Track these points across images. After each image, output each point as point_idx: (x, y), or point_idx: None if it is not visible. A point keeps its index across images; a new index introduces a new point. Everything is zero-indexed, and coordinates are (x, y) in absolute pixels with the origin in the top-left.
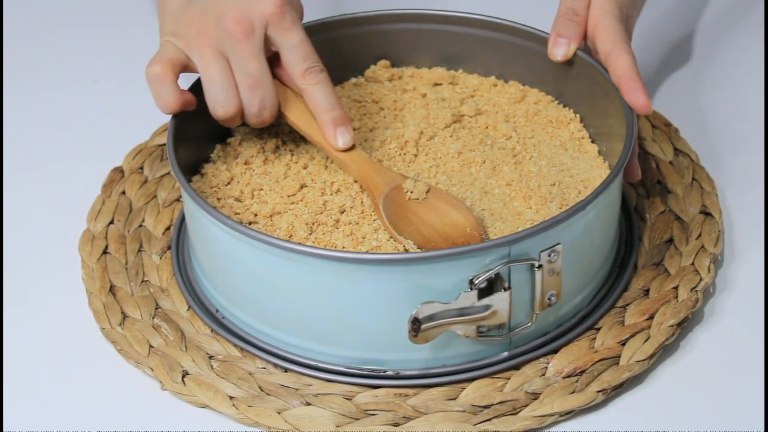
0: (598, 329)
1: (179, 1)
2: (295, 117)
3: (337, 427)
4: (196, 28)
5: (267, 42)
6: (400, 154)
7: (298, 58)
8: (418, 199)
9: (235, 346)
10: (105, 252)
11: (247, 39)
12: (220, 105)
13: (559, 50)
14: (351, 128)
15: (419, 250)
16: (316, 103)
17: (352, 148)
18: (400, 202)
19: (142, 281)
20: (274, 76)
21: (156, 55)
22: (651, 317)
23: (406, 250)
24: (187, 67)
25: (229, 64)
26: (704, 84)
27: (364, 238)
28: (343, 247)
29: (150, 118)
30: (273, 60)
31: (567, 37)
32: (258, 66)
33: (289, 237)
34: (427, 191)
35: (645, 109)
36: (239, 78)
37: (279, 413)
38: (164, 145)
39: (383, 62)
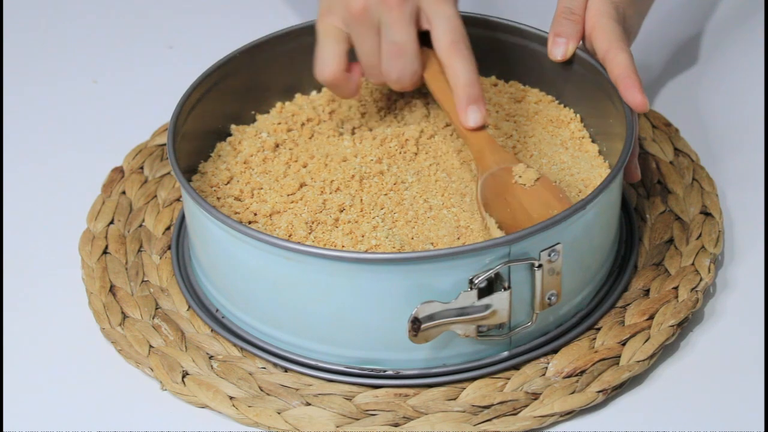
0: (599, 329)
1: None
2: (434, 84)
3: (337, 427)
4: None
5: (419, 14)
6: (400, 152)
7: (447, 29)
8: (525, 185)
9: (235, 345)
10: (105, 252)
11: (401, 6)
12: (320, 72)
13: (558, 50)
14: (485, 108)
15: (501, 232)
16: (455, 77)
17: (482, 127)
18: (505, 183)
19: (142, 281)
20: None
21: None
22: (651, 317)
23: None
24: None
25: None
26: (704, 84)
27: (363, 236)
28: (343, 246)
29: (150, 118)
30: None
31: (565, 37)
32: (405, 35)
33: (289, 236)
34: (537, 179)
35: (642, 107)
36: (384, 44)
37: (279, 413)
38: (164, 144)
39: None
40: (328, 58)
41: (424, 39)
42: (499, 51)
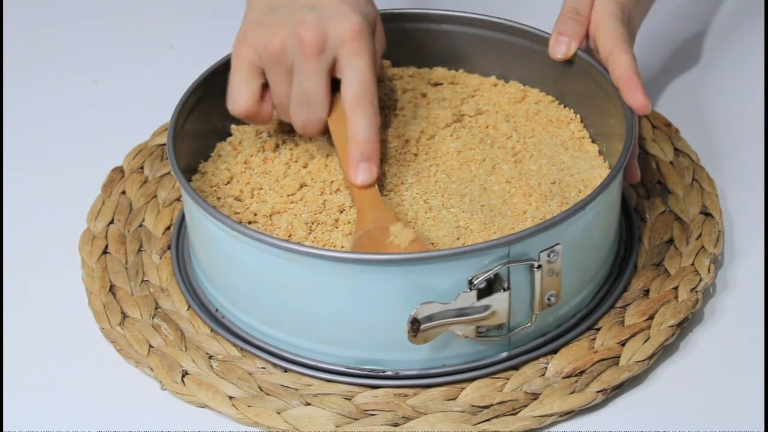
0: (598, 329)
1: (262, 9)
2: (335, 129)
3: (337, 427)
4: (266, 36)
5: (335, 63)
6: (400, 153)
7: (356, 82)
8: (399, 245)
9: (235, 345)
10: (105, 252)
11: (317, 57)
12: (233, 106)
13: (560, 49)
14: (377, 168)
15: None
16: (354, 131)
17: (369, 186)
18: (379, 242)
19: (142, 281)
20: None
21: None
22: (651, 317)
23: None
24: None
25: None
26: (705, 85)
27: None
28: (342, 247)
29: (150, 118)
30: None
31: (568, 36)
32: (316, 84)
33: (289, 236)
34: (412, 240)
35: (643, 109)
36: (294, 90)
37: (278, 413)
38: (164, 144)
39: (384, 62)
40: (241, 93)
41: (337, 84)
42: (499, 51)
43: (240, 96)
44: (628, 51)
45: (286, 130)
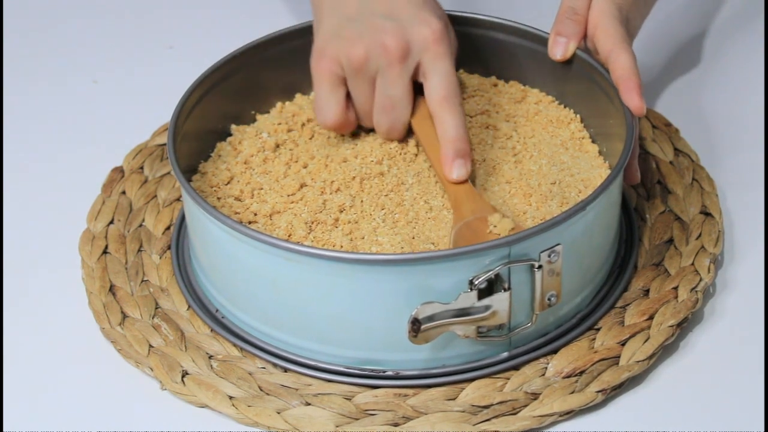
0: (598, 329)
1: (337, 21)
2: (420, 130)
3: (337, 427)
4: (348, 47)
5: (417, 68)
6: (400, 154)
7: (442, 84)
8: (500, 234)
9: (235, 345)
10: (105, 252)
11: (401, 62)
12: (324, 120)
13: (558, 49)
14: (470, 163)
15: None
16: (445, 130)
17: (464, 181)
18: (479, 231)
19: (142, 281)
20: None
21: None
22: (651, 317)
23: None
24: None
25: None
26: (705, 85)
27: (363, 238)
28: (342, 247)
29: (150, 118)
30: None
31: (566, 36)
32: (401, 91)
33: (288, 236)
34: (512, 229)
35: (639, 111)
36: (379, 96)
37: (279, 413)
38: (164, 144)
39: None
40: (330, 105)
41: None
42: (500, 51)
43: (329, 109)
44: (628, 51)
45: (285, 130)
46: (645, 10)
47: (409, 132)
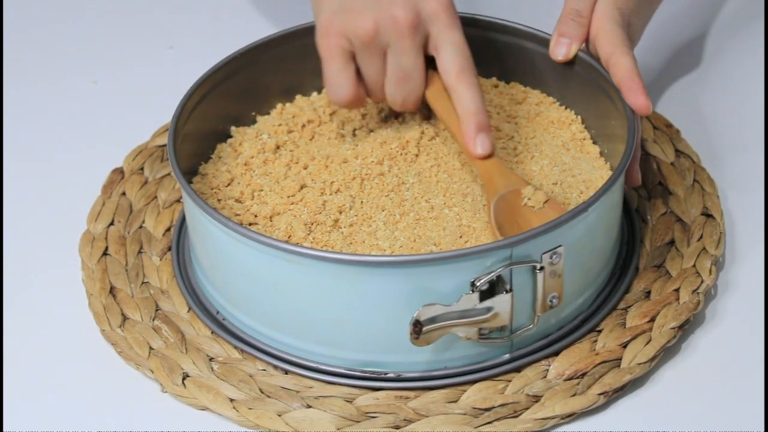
0: (600, 331)
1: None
2: (438, 105)
3: (338, 429)
4: (355, 21)
5: (427, 40)
6: (401, 154)
7: (456, 56)
8: (534, 207)
9: (236, 348)
10: (105, 253)
11: (412, 33)
12: (337, 97)
13: (561, 50)
14: (491, 135)
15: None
16: (463, 105)
17: (489, 155)
18: (515, 206)
19: (143, 283)
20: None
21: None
22: (652, 319)
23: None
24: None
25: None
26: (705, 86)
27: (363, 241)
28: (341, 248)
29: (150, 119)
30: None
31: (569, 37)
32: (413, 62)
33: (288, 237)
34: (545, 202)
35: (645, 109)
36: (391, 68)
37: (279, 416)
38: (164, 145)
39: None
40: (342, 82)
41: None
42: (500, 52)
43: (342, 85)
44: (629, 53)
45: (286, 132)
46: (647, 15)
47: (409, 131)
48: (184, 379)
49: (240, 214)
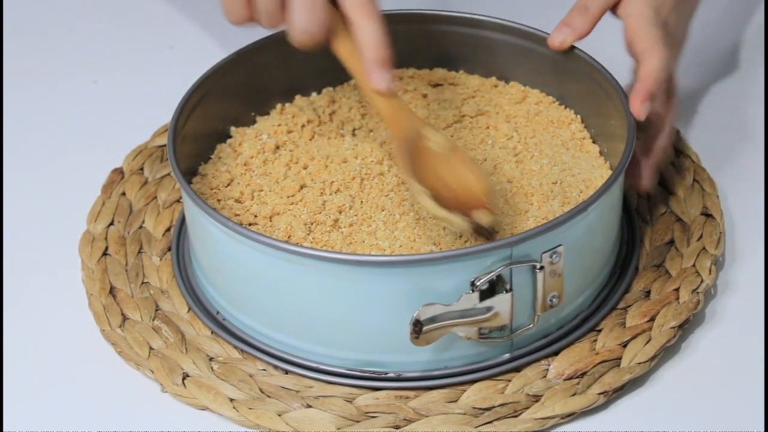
0: (600, 331)
1: None
2: (341, 48)
3: (338, 429)
4: None
5: None
6: None
7: None
8: (439, 153)
9: (236, 348)
10: (105, 253)
11: None
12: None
13: (558, 36)
14: (392, 72)
15: (430, 198)
16: (364, 37)
17: (389, 92)
18: (421, 150)
19: (143, 283)
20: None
21: None
22: (652, 319)
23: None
24: None
25: None
26: (706, 85)
27: (363, 241)
28: (341, 248)
29: (150, 119)
30: None
31: (570, 27)
32: None
33: (288, 238)
34: (450, 149)
35: (636, 114)
36: None
37: (280, 415)
38: (164, 146)
39: None
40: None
41: None
42: (500, 52)
43: (235, 2)
44: (657, 55)
45: (285, 132)
46: (686, 12)
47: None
48: (184, 379)
49: (240, 215)
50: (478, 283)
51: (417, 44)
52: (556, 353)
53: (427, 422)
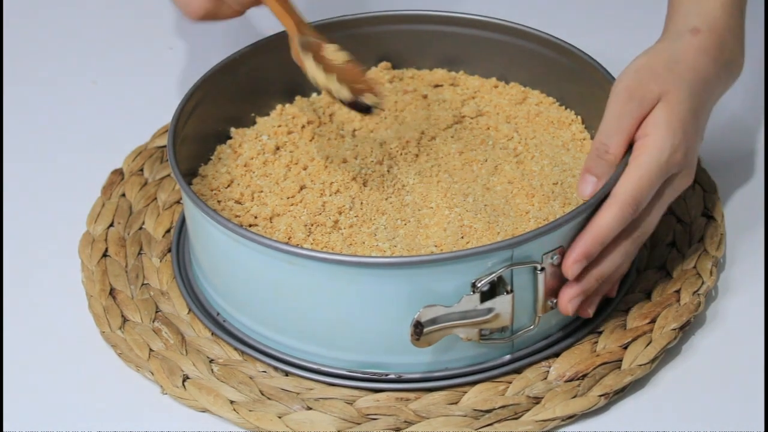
0: (600, 333)
1: None
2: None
3: (338, 431)
4: None
5: None
6: (401, 154)
7: None
8: (333, 60)
9: (236, 349)
10: (105, 255)
11: None
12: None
13: (586, 188)
14: None
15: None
16: None
17: None
18: (317, 53)
19: (143, 284)
20: None
21: None
22: (653, 321)
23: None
24: None
25: None
26: None
27: (363, 243)
28: (341, 250)
29: (150, 120)
30: None
31: (596, 176)
32: None
33: (288, 239)
34: (347, 61)
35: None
36: None
37: (280, 417)
38: (164, 146)
39: (384, 64)
40: None
41: None
42: (500, 52)
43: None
44: (613, 209)
45: (285, 133)
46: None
47: (409, 131)
48: (184, 380)
49: (240, 216)
50: (479, 285)
51: (417, 45)
52: (556, 355)
53: (428, 424)
